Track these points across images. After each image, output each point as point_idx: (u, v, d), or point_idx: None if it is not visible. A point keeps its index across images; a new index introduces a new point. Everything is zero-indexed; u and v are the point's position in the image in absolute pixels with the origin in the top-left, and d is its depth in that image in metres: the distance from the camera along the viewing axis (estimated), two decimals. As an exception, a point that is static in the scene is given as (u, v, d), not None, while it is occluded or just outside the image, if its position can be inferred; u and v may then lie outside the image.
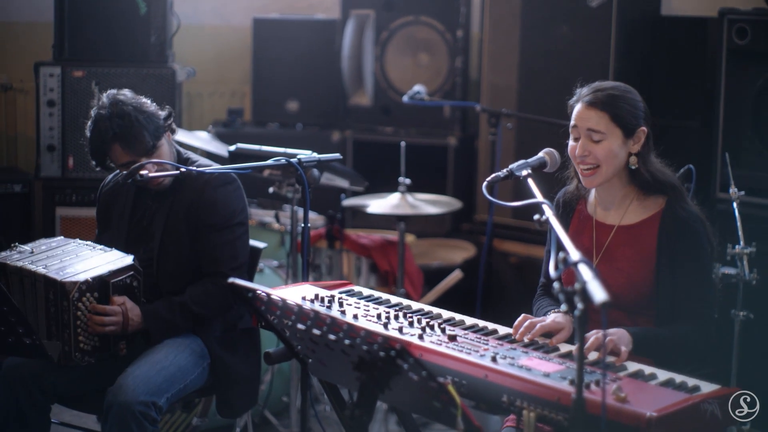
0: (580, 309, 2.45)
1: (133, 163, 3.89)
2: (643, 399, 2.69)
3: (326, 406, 5.35)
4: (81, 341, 3.73)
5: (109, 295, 3.77)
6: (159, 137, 3.95)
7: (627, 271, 3.40)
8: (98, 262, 3.83)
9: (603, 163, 3.37)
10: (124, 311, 3.78)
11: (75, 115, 5.85)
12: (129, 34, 5.95)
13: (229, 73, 7.38)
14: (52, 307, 3.70)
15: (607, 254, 3.46)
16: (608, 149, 3.36)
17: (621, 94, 3.39)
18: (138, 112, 3.91)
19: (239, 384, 4.09)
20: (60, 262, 3.82)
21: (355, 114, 6.98)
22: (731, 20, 5.07)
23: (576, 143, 3.41)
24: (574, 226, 3.57)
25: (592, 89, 3.41)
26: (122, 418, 3.63)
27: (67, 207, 5.93)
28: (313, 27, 6.99)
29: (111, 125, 3.87)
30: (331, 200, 6.02)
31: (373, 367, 2.76)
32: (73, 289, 3.67)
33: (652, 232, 3.41)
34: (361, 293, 3.59)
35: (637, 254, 3.41)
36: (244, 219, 4.09)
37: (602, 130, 3.35)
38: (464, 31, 6.71)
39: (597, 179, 3.40)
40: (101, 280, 3.76)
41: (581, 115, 3.39)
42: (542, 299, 3.63)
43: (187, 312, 3.92)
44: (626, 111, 3.37)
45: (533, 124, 6.07)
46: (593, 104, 3.37)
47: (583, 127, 3.38)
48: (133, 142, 3.88)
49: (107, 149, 3.92)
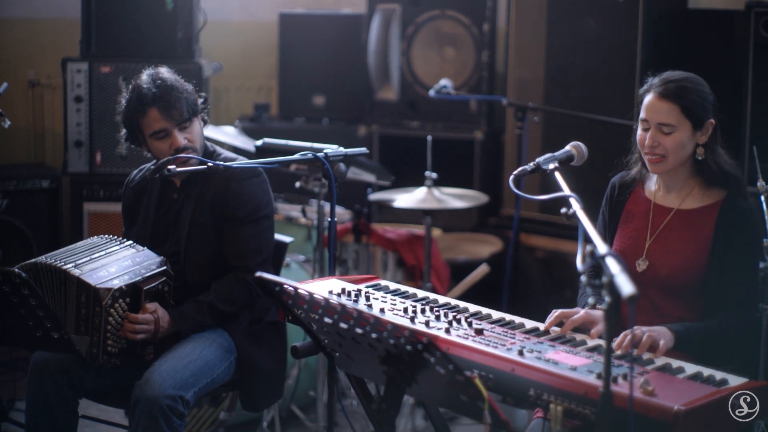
0: (607, 302, 2.45)
1: (164, 132, 3.93)
2: (671, 392, 2.68)
3: (353, 400, 5.35)
4: (109, 345, 3.74)
5: (141, 301, 3.78)
6: (194, 113, 4.00)
7: (681, 253, 3.42)
8: (128, 263, 3.83)
9: (670, 154, 3.40)
10: (156, 319, 3.80)
11: (102, 111, 5.89)
12: (156, 29, 5.98)
13: (256, 68, 7.40)
14: (83, 309, 3.71)
15: (662, 235, 3.48)
16: (677, 141, 3.38)
17: (692, 86, 3.41)
18: (177, 83, 3.99)
19: (264, 378, 4.09)
20: (89, 259, 3.82)
21: (381, 108, 6.98)
22: (758, 13, 5.05)
23: (645, 132, 3.43)
24: (630, 208, 3.59)
25: (663, 80, 3.42)
26: (149, 413, 3.63)
27: (94, 202, 5.96)
28: (339, 22, 7.00)
29: (152, 87, 3.93)
30: (358, 195, 6.03)
31: (400, 360, 2.76)
32: (106, 296, 3.68)
33: (711, 219, 3.43)
34: (388, 287, 3.60)
35: (693, 239, 3.43)
36: (270, 212, 4.10)
37: (672, 123, 3.37)
38: (490, 25, 6.69)
39: (663, 167, 3.44)
40: (135, 286, 3.76)
41: (652, 106, 3.41)
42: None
43: (215, 311, 3.93)
44: (696, 103, 3.39)
45: (560, 117, 6.05)
46: (665, 96, 3.38)
47: (654, 120, 3.40)
48: (171, 108, 3.92)
49: (144, 113, 3.93)
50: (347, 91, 7.00)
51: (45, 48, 6.68)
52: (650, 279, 3.44)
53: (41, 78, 6.66)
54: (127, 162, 5.89)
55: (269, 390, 4.15)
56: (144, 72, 4.02)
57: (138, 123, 3.97)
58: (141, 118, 3.95)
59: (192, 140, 3.97)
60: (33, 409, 3.88)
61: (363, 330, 2.77)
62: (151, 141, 3.98)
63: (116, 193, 5.84)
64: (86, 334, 3.72)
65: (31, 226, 5.97)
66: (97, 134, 5.90)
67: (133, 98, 3.97)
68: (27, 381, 3.91)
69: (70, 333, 3.71)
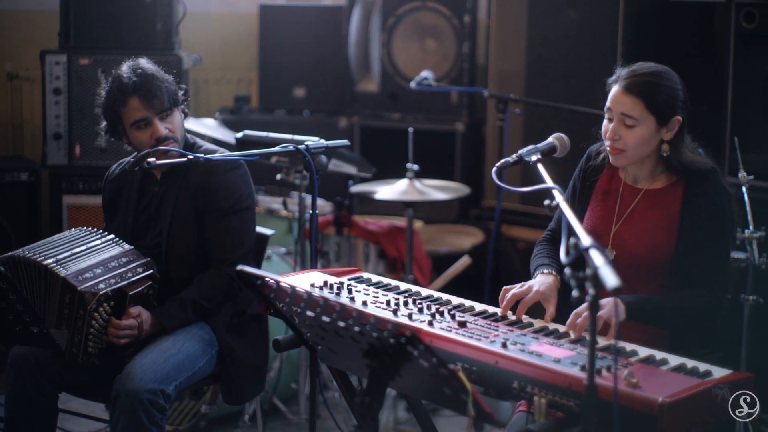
0: (592, 294, 2.44)
1: (145, 121, 3.91)
2: (655, 384, 2.67)
3: (335, 392, 5.34)
4: (90, 346, 3.72)
5: (125, 305, 3.76)
6: (175, 103, 3.99)
7: (650, 233, 3.41)
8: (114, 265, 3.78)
9: (630, 149, 3.38)
10: (140, 323, 3.79)
11: (81, 103, 5.85)
12: (135, 21, 5.94)
13: (236, 60, 7.36)
14: (66, 309, 3.67)
15: (632, 215, 3.47)
16: (639, 136, 3.35)
17: (659, 82, 3.36)
18: (158, 73, 3.99)
19: (246, 371, 4.08)
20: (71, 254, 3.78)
21: (362, 100, 6.97)
22: (739, 4, 5.04)
23: (609, 123, 3.40)
24: (602, 185, 3.58)
25: (630, 72, 3.38)
26: (130, 407, 3.61)
27: (73, 195, 5.92)
28: (320, 13, 6.99)
29: (132, 77, 3.92)
30: (339, 187, 6.01)
31: (383, 353, 2.75)
32: (92, 300, 3.65)
33: (677, 195, 3.42)
34: (370, 280, 3.58)
35: (660, 217, 3.43)
36: (251, 204, 4.08)
37: (636, 117, 3.34)
38: (471, 17, 6.69)
39: (622, 161, 3.43)
40: (120, 291, 3.74)
41: (617, 98, 3.38)
42: (544, 245, 3.65)
43: (198, 308, 3.92)
44: (662, 100, 3.34)
45: (541, 109, 6.05)
46: (629, 90, 3.34)
47: (617, 110, 3.37)
48: (152, 97, 3.91)
49: (125, 102, 3.92)
50: (328, 82, 6.99)
51: (23, 40, 6.63)
52: (620, 260, 3.42)
53: (20, 70, 6.61)
54: (107, 154, 5.85)
55: (251, 383, 4.13)
56: (124, 63, 4.00)
57: (118, 113, 3.94)
58: (121, 108, 3.93)
59: (173, 130, 3.95)
60: (12, 404, 3.86)
61: (346, 323, 2.76)
62: (131, 131, 3.95)
63: (95, 186, 5.81)
64: (66, 329, 3.69)
65: (10, 218, 5.92)
66: (76, 126, 5.86)
67: (113, 88, 3.95)
68: (6, 375, 3.88)
69: (50, 327, 3.69)
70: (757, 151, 4.90)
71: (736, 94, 5.10)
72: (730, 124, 5.11)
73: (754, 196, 4.28)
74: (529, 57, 6.25)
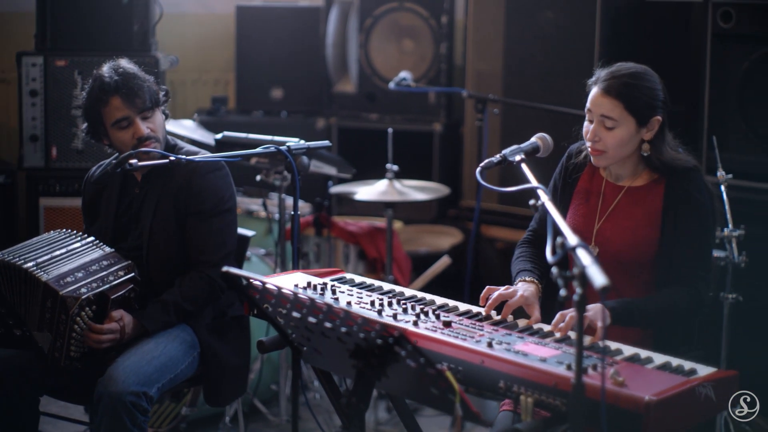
0: (579, 293, 2.45)
1: (127, 120, 3.89)
2: (641, 383, 2.68)
3: (316, 393, 5.34)
4: (72, 350, 3.70)
5: (107, 309, 3.75)
6: (156, 103, 3.97)
7: (632, 230, 3.43)
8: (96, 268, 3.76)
9: (610, 150, 3.39)
10: (122, 327, 3.77)
11: (58, 105, 5.81)
12: (112, 22, 5.91)
13: (213, 61, 7.34)
14: (47, 313, 3.65)
15: (613, 214, 3.48)
16: (618, 138, 3.37)
17: (638, 83, 3.37)
18: (139, 72, 3.99)
19: (228, 372, 4.06)
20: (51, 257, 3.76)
21: (339, 101, 6.96)
22: (716, 4, 5.07)
23: (589, 124, 3.42)
24: (583, 183, 3.59)
25: (609, 74, 3.39)
26: (113, 409, 3.59)
27: (50, 197, 5.89)
28: (297, 14, 6.97)
29: (114, 76, 3.91)
30: (318, 187, 6.00)
31: (370, 354, 2.75)
32: (74, 305, 3.63)
33: (659, 192, 3.44)
34: (353, 280, 3.58)
35: (643, 214, 3.44)
36: (233, 206, 4.08)
37: (615, 118, 3.35)
38: (449, 17, 6.69)
39: (603, 161, 3.45)
40: (102, 295, 3.72)
41: (596, 100, 3.39)
42: (525, 248, 3.66)
43: (180, 310, 3.91)
44: (642, 101, 3.36)
45: (518, 110, 6.07)
46: (608, 92, 3.36)
47: (596, 112, 3.38)
48: (133, 96, 3.89)
49: (106, 102, 3.90)
50: (305, 83, 6.97)
51: (-1, 42, 6.61)
52: (603, 257, 3.42)
53: (-5, 72, 6.59)
54: (84, 156, 5.82)
55: (233, 384, 4.12)
56: (105, 64, 3.99)
57: (100, 113, 3.93)
58: (103, 108, 3.91)
59: (154, 130, 3.94)
60: (-6, 408, 3.83)
61: (332, 324, 2.75)
62: (113, 131, 3.93)
63: (72, 188, 5.78)
64: (49, 333, 3.67)
65: (-13, 220, 5.90)
66: (53, 128, 5.82)
67: (94, 88, 3.93)
68: (-13, 379, 3.86)
69: (32, 330, 3.67)
70: (734, 151, 4.94)
71: (713, 94, 5.13)
72: (707, 124, 5.14)
73: (732, 195, 4.31)
74: (507, 57, 6.27)
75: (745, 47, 5.00)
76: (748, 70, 5.00)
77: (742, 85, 5.02)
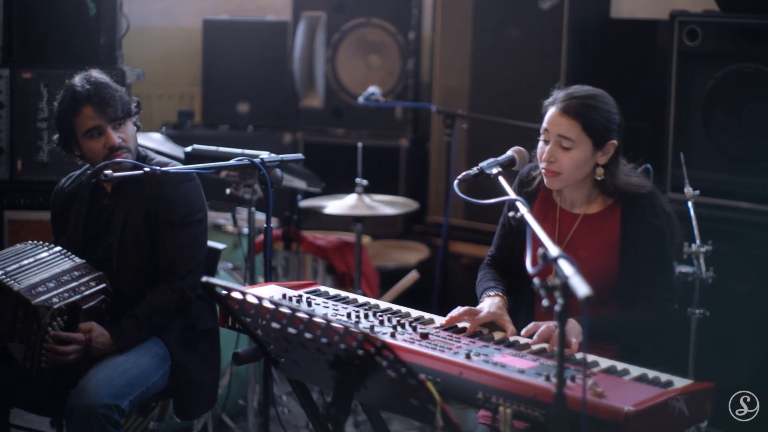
0: (561, 304, 2.46)
1: (98, 129, 3.89)
2: (620, 394, 2.70)
3: (284, 408, 5.32)
4: (43, 361, 3.68)
5: (79, 319, 3.73)
6: (128, 113, 3.98)
7: (590, 260, 3.41)
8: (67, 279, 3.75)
9: (566, 172, 3.39)
10: (88, 339, 3.74)
11: (24, 117, 5.76)
12: (78, 35, 5.87)
13: (178, 75, 7.33)
14: (19, 323, 3.64)
15: (571, 244, 3.48)
16: (575, 159, 3.37)
17: (596, 105, 3.39)
18: (111, 83, 4.01)
19: (198, 385, 4.05)
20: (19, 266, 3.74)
21: (306, 116, 6.97)
22: (682, 22, 5.13)
23: (545, 145, 3.42)
24: (537, 209, 3.57)
25: (568, 95, 3.40)
26: (85, 421, 3.57)
27: (15, 210, 5.82)
28: (264, 28, 6.97)
29: (86, 85, 3.92)
30: (286, 202, 5.99)
31: (350, 365, 2.75)
32: (45, 314, 3.61)
33: (616, 217, 3.44)
34: (328, 293, 3.58)
35: (601, 243, 3.44)
36: (203, 217, 4.07)
37: (573, 138, 3.36)
38: (416, 33, 6.73)
39: (557, 184, 3.44)
40: (74, 305, 3.71)
41: (554, 120, 3.40)
42: (487, 269, 3.66)
43: (153, 324, 3.90)
44: (599, 123, 3.37)
45: (485, 126, 6.09)
46: (566, 112, 3.37)
47: (553, 132, 3.39)
48: (105, 105, 3.90)
49: (78, 111, 3.90)
50: (272, 98, 6.97)
51: (-36, 54, 6.53)
52: None
53: (-40, 84, 6.51)
54: (49, 169, 5.77)
55: (203, 397, 4.10)
56: (76, 75, 3.98)
57: (71, 123, 3.92)
58: (74, 117, 3.90)
59: (126, 140, 3.94)
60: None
61: (313, 335, 2.75)
62: (84, 141, 3.92)
63: (37, 201, 5.72)
64: (21, 343, 3.64)
65: (-49, 233, 5.83)
66: (18, 141, 5.77)
67: (66, 97, 3.93)
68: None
69: (6, 341, 3.64)
70: (699, 168, 4.98)
71: (678, 111, 5.19)
72: (672, 141, 5.19)
73: (697, 212, 4.35)
74: (473, 73, 6.30)
75: (710, 65, 5.06)
76: (714, 88, 5.06)
77: (707, 103, 5.08)
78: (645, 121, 5.86)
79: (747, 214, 4.97)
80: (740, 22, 4.97)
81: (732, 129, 5.04)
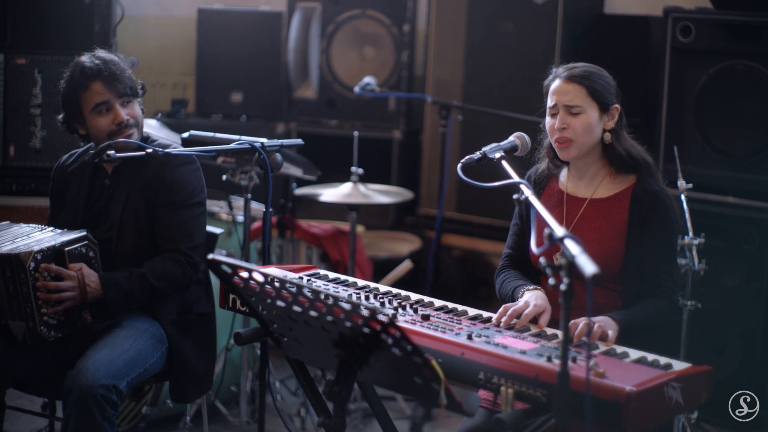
0: (566, 283, 2.49)
1: (107, 105, 3.91)
2: (621, 375, 2.74)
3: (278, 394, 5.33)
4: (44, 314, 3.68)
5: (65, 264, 3.73)
6: (134, 92, 4.00)
7: (598, 242, 3.47)
8: (48, 236, 3.79)
9: (579, 137, 3.46)
10: (80, 277, 3.73)
11: (17, 104, 5.75)
12: (73, 22, 5.87)
13: (172, 64, 7.33)
14: (11, 286, 3.65)
15: (578, 226, 3.53)
16: (586, 123, 3.45)
17: (596, 72, 3.52)
18: (119, 60, 4.04)
19: (194, 368, 4.06)
20: (12, 243, 3.76)
21: (299, 106, 6.98)
22: (676, 18, 5.17)
23: (553, 119, 3.49)
24: (545, 201, 3.63)
25: (567, 68, 3.53)
26: (83, 402, 3.56)
27: (7, 196, 5.82)
28: (259, 18, 6.97)
29: (95, 60, 3.96)
30: (281, 190, 6.00)
31: (354, 343, 2.77)
32: (28, 258, 3.62)
33: (624, 205, 3.50)
34: (327, 276, 3.61)
35: (608, 227, 3.49)
36: (203, 199, 4.08)
37: (580, 104, 3.45)
38: (410, 26, 6.75)
39: (572, 152, 3.49)
40: (55, 249, 3.71)
41: (559, 90, 3.49)
42: (507, 271, 3.67)
43: (146, 284, 3.87)
44: (602, 86, 3.49)
45: (478, 118, 6.13)
46: (571, 79, 3.48)
47: (561, 101, 3.47)
48: (114, 80, 3.93)
49: (87, 87, 3.92)
50: (265, 88, 6.97)
51: (-42, 39, 6.52)
52: None
53: (-47, 69, 6.50)
54: (42, 155, 5.77)
55: (199, 381, 4.11)
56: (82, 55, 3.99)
57: (79, 98, 3.93)
58: (83, 92, 3.92)
59: (134, 116, 3.95)
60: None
61: (318, 313, 2.77)
62: (91, 117, 3.93)
63: (29, 187, 5.72)
64: (20, 312, 3.65)
65: (-57, 218, 5.82)
66: (11, 127, 5.76)
67: (75, 73, 3.95)
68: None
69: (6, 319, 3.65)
70: (691, 163, 5.02)
71: (670, 107, 5.23)
72: (664, 136, 5.24)
73: (689, 206, 4.39)
74: (467, 66, 6.34)
75: (703, 62, 5.11)
76: (706, 85, 5.11)
77: (699, 99, 5.13)
78: (637, 116, 5.88)
79: (737, 209, 5.02)
80: (733, 19, 5.03)
81: (723, 125, 5.09)
